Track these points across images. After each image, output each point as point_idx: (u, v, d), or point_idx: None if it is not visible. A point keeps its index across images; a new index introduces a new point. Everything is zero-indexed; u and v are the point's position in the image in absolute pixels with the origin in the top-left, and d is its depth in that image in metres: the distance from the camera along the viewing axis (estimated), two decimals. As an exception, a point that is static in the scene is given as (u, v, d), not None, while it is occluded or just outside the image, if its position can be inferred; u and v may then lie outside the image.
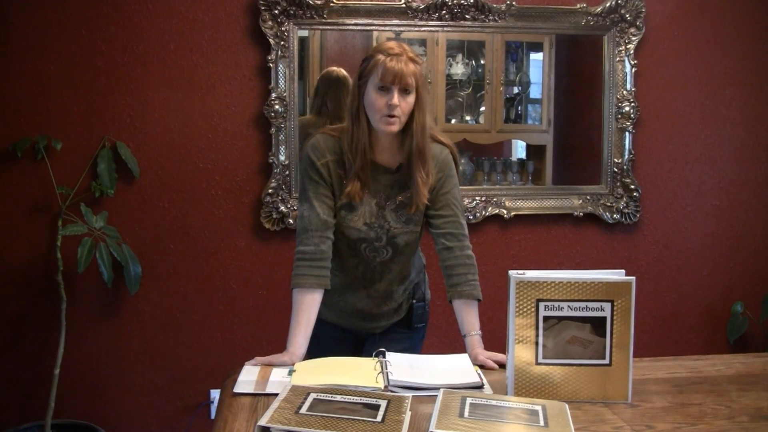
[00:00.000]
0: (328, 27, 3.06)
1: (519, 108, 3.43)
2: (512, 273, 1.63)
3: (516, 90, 3.40)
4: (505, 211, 3.24)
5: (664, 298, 3.43)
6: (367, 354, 2.07)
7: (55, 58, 2.92)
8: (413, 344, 2.20)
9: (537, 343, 1.63)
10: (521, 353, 1.63)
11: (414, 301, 2.18)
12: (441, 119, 3.24)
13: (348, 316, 2.14)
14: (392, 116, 1.88)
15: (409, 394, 1.61)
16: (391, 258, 2.04)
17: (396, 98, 1.86)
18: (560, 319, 1.62)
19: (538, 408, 1.53)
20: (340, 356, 1.90)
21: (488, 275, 3.07)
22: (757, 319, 3.41)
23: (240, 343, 3.14)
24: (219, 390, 1.76)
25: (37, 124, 2.92)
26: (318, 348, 1.94)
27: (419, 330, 2.22)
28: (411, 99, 1.90)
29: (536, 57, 3.37)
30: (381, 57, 1.87)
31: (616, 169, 3.29)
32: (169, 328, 3.10)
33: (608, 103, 3.26)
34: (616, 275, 1.64)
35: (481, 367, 1.84)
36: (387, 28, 3.10)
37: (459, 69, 3.27)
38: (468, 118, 3.37)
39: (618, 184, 3.30)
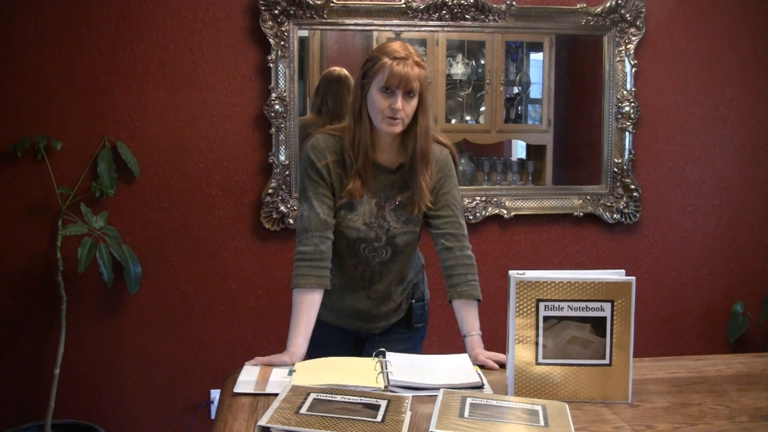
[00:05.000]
0: (328, 27, 3.06)
1: (519, 108, 3.43)
2: (512, 273, 1.63)
3: (516, 90, 3.40)
4: (505, 211, 3.24)
5: (664, 298, 3.43)
6: (367, 355, 2.07)
7: (55, 58, 2.92)
8: (413, 344, 2.20)
9: (537, 343, 1.63)
10: (521, 353, 1.63)
11: (413, 301, 2.18)
12: (441, 119, 3.25)
13: (347, 317, 2.14)
14: (395, 118, 1.88)
15: (409, 394, 1.61)
16: (390, 258, 2.04)
17: (400, 102, 1.86)
18: (560, 319, 1.62)
19: (538, 408, 1.53)
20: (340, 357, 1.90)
21: (488, 275, 3.08)
22: (757, 319, 3.41)
23: (240, 343, 3.14)
24: (219, 390, 1.76)
25: (37, 124, 2.92)
26: (318, 349, 1.94)
27: (419, 330, 2.22)
28: (414, 102, 1.90)
29: (536, 57, 3.38)
30: (386, 60, 1.86)
31: (616, 169, 3.29)
32: (169, 328, 3.10)
33: (608, 103, 3.26)
34: (616, 275, 1.64)
35: (482, 367, 1.84)
36: (387, 28, 3.10)
37: (459, 69, 3.27)
38: (468, 118, 3.37)
39: (618, 184, 3.30)
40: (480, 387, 1.69)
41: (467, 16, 3.12)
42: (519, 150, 3.46)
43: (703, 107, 3.37)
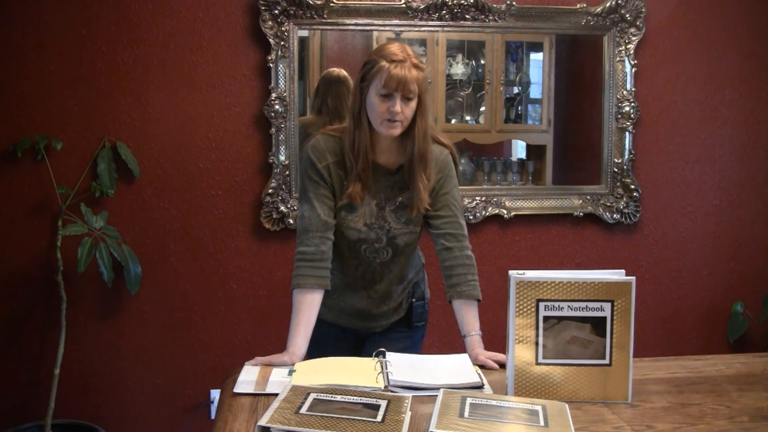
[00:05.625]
0: (328, 27, 3.06)
1: (519, 108, 3.43)
2: (512, 273, 1.63)
3: (516, 90, 3.39)
4: (505, 211, 3.24)
5: (664, 298, 3.43)
6: (367, 354, 2.07)
7: (55, 58, 2.92)
8: (413, 343, 2.20)
9: (537, 343, 1.63)
10: (521, 353, 1.63)
11: (414, 300, 2.18)
12: (441, 119, 3.24)
13: (348, 317, 2.14)
14: (394, 121, 1.88)
15: (409, 394, 1.61)
16: (390, 258, 2.04)
17: (398, 105, 1.86)
18: (560, 319, 1.62)
19: (538, 408, 1.53)
20: (340, 356, 1.90)
21: (488, 275, 3.08)
22: (757, 319, 3.41)
23: (240, 343, 3.14)
24: (219, 390, 1.76)
25: (37, 124, 2.92)
26: (318, 348, 1.94)
27: (419, 329, 2.22)
28: (413, 104, 1.90)
29: (536, 57, 3.37)
30: (384, 63, 1.86)
31: (616, 169, 3.29)
32: (169, 328, 3.10)
33: (608, 103, 3.26)
34: (616, 275, 1.64)
35: (482, 367, 1.84)
36: (387, 28, 3.10)
37: (459, 69, 3.27)
38: (468, 118, 3.37)
39: (618, 184, 3.30)
40: (480, 387, 1.69)
41: (467, 16, 3.12)
42: (519, 150, 3.46)
43: (703, 107, 3.37)
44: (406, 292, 2.17)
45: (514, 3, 3.13)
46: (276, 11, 2.97)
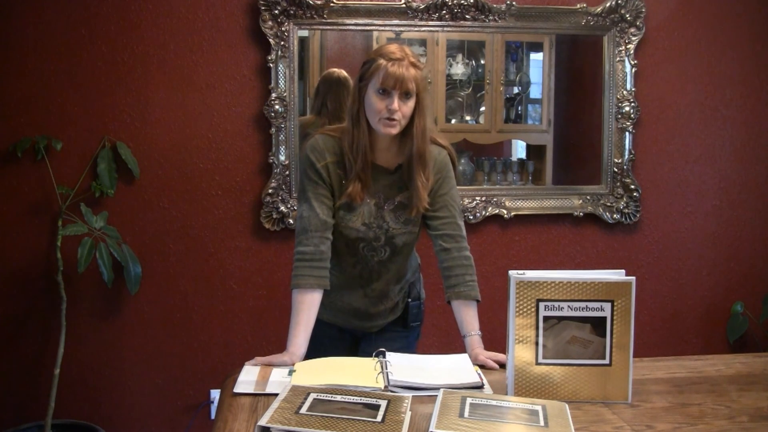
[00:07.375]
0: (328, 27, 3.06)
1: (519, 108, 3.43)
2: (512, 273, 1.63)
3: (516, 90, 3.39)
4: (505, 211, 3.24)
5: (664, 298, 3.43)
6: (363, 353, 2.08)
7: (55, 58, 2.92)
8: (408, 343, 2.21)
9: (537, 343, 1.63)
10: (521, 353, 1.63)
11: (410, 300, 2.19)
12: (441, 119, 3.25)
13: (344, 316, 2.14)
14: (392, 119, 1.88)
15: (409, 394, 1.62)
16: (389, 258, 2.04)
17: (396, 103, 1.87)
18: (560, 319, 1.63)
19: (538, 408, 1.53)
20: (337, 355, 1.91)
21: (488, 275, 3.09)
22: (757, 319, 3.41)
23: (240, 343, 3.14)
24: (219, 390, 1.76)
25: (37, 124, 2.92)
26: (314, 347, 1.94)
27: (414, 329, 2.23)
28: (411, 103, 1.90)
29: (536, 57, 3.38)
30: (382, 61, 1.87)
31: (616, 169, 3.29)
32: (169, 328, 3.10)
33: (608, 103, 3.26)
34: (616, 275, 1.64)
35: (482, 367, 1.84)
36: (387, 28, 3.10)
37: (459, 69, 3.27)
38: (468, 118, 3.37)
39: (618, 184, 3.30)
40: (480, 387, 1.69)
41: (467, 16, 3.12)
42: (519, 150, 3.46)
43: (703, 107, 3.37)
44: (403, 292, 2.17)
45: (514, 3, 3.13)
46: (276, 11, 2.97)
